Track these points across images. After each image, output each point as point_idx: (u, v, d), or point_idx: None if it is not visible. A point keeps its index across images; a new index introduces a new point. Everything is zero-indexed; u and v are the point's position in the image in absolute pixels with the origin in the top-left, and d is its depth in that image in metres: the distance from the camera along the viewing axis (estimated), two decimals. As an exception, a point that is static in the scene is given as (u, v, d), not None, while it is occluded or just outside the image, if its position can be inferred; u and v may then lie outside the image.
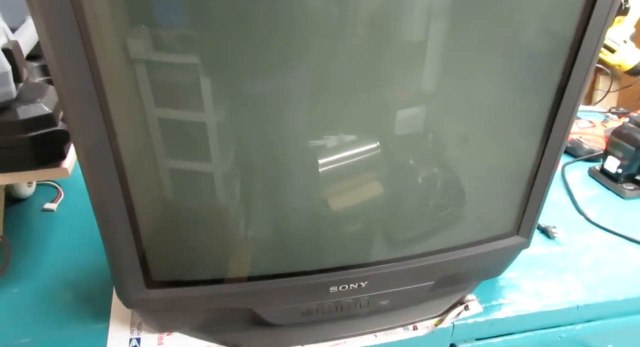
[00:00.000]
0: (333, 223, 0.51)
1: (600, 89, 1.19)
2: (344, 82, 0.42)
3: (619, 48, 1.03)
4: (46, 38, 0.33)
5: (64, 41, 0.33)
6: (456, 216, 0.55)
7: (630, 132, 0.76)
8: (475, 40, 0.43)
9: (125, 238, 0.44)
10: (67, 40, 0.33)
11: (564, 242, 0.69)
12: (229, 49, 0.38)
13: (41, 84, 0.54)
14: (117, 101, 0.37)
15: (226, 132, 0.42)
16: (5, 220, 0.67)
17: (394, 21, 0.40)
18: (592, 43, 0.44)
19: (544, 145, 0.50)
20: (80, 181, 0.40)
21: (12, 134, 0.48)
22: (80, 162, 0.40)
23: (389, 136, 0.46)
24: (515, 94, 0.48)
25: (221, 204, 0.47)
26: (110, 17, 0.35)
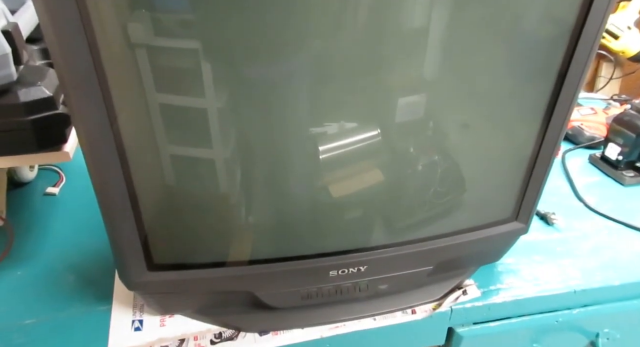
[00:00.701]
0: (333, 209, 0.51)
1: (603, 76, 1.19)
2: (346, 68, 0.42)
3: (622, 34, 1.02)
4: (46, 20, 0.33)
5: (64, 23, 0.33)
6: (456, 202, 0.55)
7: (631, 118, 0.76)
8: (476, 26, 0.43)
9: (127, 221, 0.44)
10: (67, 23, 0.33)
11: (563, 229, 0.70)
12: (230, 34, 0.38)
13: (41, 67, 0.54)
14: (118, 85, 0.37)
15: (227, 118, 0.42)
16: (8, 204, 0.68)
17: (395, 6, 0.40)
18: (594, 28, 0.43)
19: (543, 131, 0.50)
20: (82, 165, 0.40)
21: (13, 117, 0.48)
22: (81, 146, 0.40)
23: (390, 123, 0.46)
24: (516, 80, 0.48)
25: (222, 189, 0.47)
26: (111, 1, 0.34)
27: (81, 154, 0.40)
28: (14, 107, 0.47)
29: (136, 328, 0.53)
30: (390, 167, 0.50)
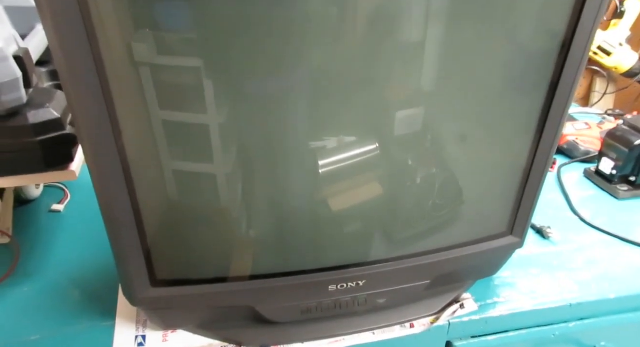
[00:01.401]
0: (333, 223, 0.52)
1: (597, 91, 1.21)
2: (344, 83, 0.44)
3: (615, 51, 1.05)
4: (56, 44, 0.35)
5: (73, 46, 0.35)
6: (453, 215, 0.56)
7: (623, 134, 0.78)
8: (471, 41, 0.44)
9: (131, 238, 0.45)
10: (75, 46, 0.35)
11: (559, 242, 0.71)
12: (231, 52, 0.39)
13: (50, 89, 0.56)
14: (124, 104, 0.39)
15: (228, 133, 0.43)
16: (14, 221, 0.69)
17: (391, 23, 0.41)
18: (583, 42, 0.45)
19: (537, 143, 0.51)
20: (86, 182, 0.42)
21: (23, 138, 0.50)
22: (88, 164, 0.41)
23: (389, 136, 0.47)
24: (510, 93, 0.49)
25: (223, 204, 0.48)
26: (117, 22, 0.36)
27: (86, 171, 0.42)
28: (23, 128, 0.49)
29: (139, 344, 0.53)
30: (389, 180, 0.51)
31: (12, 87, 0.46)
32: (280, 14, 0.38)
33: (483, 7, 0.43)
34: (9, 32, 0.48)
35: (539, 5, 0.44)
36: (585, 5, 0.43)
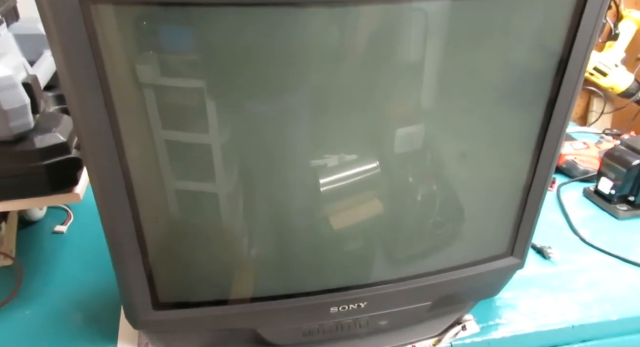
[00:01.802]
0: (334, 241, 0.52)
1: (595, 110, 1.22)
2: (344, 103, 0.44)
3: (610, 72, 1.06)
4: (64, 69, 0.36)
5: (80, 71, 0.36)
6: (453, 234, 0.56)
7: (621, 154, 0.78)
8: (468, 60, 0.45)
9: (133, 260, 0.46)
10: (82, 70, 0.36)
11: (559, 262, 0.71)
12: (233, 74, 0.40)
13: (56, 113, 0.57)
14: (128, 126, 0.40)
15: (230, 153, 0.44)
16: (17, 243, 0.70)
17: (390, 45, 0.42)
18: (578, 62, 0.46)
19: (535, 161, 0.52)
20: (90, 203, 0.42)
21: (29, 162, 0.51)
22: (92, 185, 0.42)
23: (389, 154, 0.48)
24: (508, 112, 0.50)
25: (225, 224, 0.48)
26: (122, 46, 0.37)
27: (89, 192, 0.42)
28: (30, 153, 0.50)
29: (140, 366, 0.53)
30: (390, 197, 0.51)
31: (20, 113, 0.48)
32: (282, 38, 0.39)
33: (480, 29, 0.44)
34: (19, 60, 0.49)
35: (535, 27, 0.46)
36: (579, 27, 0.44)
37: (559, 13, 0.44)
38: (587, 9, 0.43)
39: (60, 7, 0.33)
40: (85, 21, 0.34)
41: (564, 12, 0.44)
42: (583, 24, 0.44)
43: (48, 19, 0.34)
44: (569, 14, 0.44)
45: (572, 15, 0.44)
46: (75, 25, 0.34)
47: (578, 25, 0.44)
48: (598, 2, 0.43)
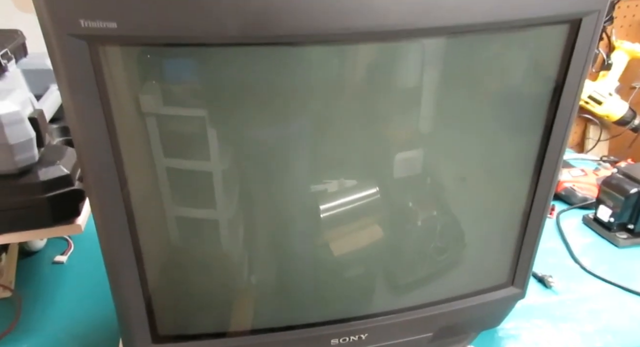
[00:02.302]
0: (335, 270, 0.52)
1: (591, 137, 1.24)
2: (344, 131, 0.45)
3: (605, 100, 1.08)
4: (69, 102, 0.37)
5: (85, 103, 0.37)
6: (453, 261, 0.56)
7: (619, 182, 0.79)
8: (466, 92, 0.47)
9: (133, 292, 0.46)
10: (87, 103, 0.37)
11: (561, 291, 0.70)
12: (235, 103, 0.41)
13: (60, 146, 0.58)
14: (130, 154, 0.40)
15: (231, 179, 0.44)
16: (17, 273, 0.69)
17: (388, 78, 0.43)
18: (573, 90, 0.47)
19: (534, 187, 0.52)
20: (91, 233, 0.43)
21: (32, 195, 0.51)
22: (94, 214, 0.42)
23: (389, 179, 0.48)
24: (506, 138, 0.51)
25: (225, 255, 0.49)
26: (126, 78, 0.38)
27: (90, 223, 0.43)
28: (33, 186, 0.51)
29: (138, 401, 0.52)
30: (390, 223, 0.52)
31: (26, 147, 0.49)
32: (282, 73, 0.41)
33: (476, 62, 0.45)
34: (26, 95, 0.50)
35: (530, 59, 0.47)
36: (572, 58, 0.45)
37: (552, 46, 0.46)
38: (579, 41, 0.45)
39: (70, 50, 0.34)
40: (93, 60, 0.36)
41: (557, 45, 0.46)
42: (575, 55, 0.45)
43: (57, 59, 0.35)
44: (562, 46, 0.46)
45: (564, 47, 0.46)
46: (82, 65, 0.35)
47: (570, 56, 0.46)
48: (589, 35, 0.45)
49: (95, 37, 0.34)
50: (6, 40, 0.58)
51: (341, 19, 0.37)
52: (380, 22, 0.38)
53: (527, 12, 0.41)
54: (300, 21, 0.36)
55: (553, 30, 0.45)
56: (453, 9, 0.39)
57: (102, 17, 0.33)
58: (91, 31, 0.33)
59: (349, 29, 0.37)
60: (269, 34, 0.36)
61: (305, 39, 0.38)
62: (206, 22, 0.35)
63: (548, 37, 0.46)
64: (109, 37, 0.34)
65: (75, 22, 0.33)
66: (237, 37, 0.36)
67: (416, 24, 0.39)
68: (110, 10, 0.33)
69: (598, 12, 0.43)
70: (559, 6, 0.41)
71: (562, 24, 0.44)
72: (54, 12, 0.33)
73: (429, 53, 0.44)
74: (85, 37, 0.34)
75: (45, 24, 0.33)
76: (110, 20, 0.33)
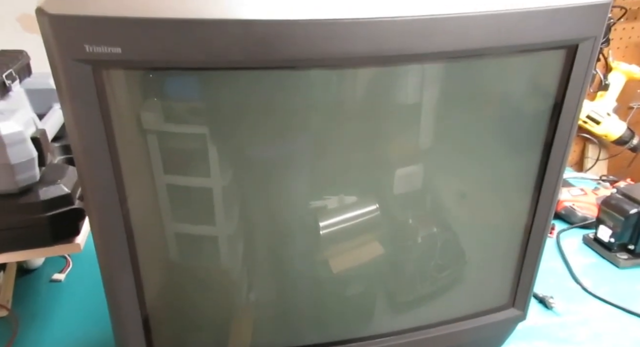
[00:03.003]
0: (335, 289, 0.52)
1: (590, 156, 1.24)
2: (344, 150, 0.46)
3: (603, 120, 1.09)
4: (72, 121, 0.37)
5: (88, 126, 0.37)
6: (454, 281, 0.56)
7: (618, 202, 0.79)
8: (466, 113, 0.47)
9: (131, 313, 0.45)
10: (89, 122, 0.37)
11: (562, 313, 0.70)
12: (236, 120, 0.42)
13: (62, 164, 0.58)
14: (131, 171, 0.41)
15: (231, 196, 0.44)
16: (14, 291, 0.69)
17: (389, 96, 0.44)
18: (571, 110, 0.48)
19: (535, 205, 0.52)
20: (89, 251, 0.42)
21: (33, 214, 0.51)
22: (93, 233, 0.42)
23: (389, 197, 0.49)
24: (506, 156, 0.51)
25: (224, 273, 0.48)
26: (128, 95, 0.39)
27: (89, 239, 0.42)
28: (34, 205, 0.51)
29: None
30: (390, 239, 0.51)
31: (27, 166, 0.49)
32: (283, 95, 0.41)
33: (476, 85, 0.46)
34: (29, 115, 0.51)
35: (529, 80, 0.48)
36: (570, 79, 0.46)
37: (550, 69, 0.46)
38: (576, 66, 0.45)
39: (74, 74, 0.35)
40: (96, 83, 0.36)
41: (555, 68, 0.46)
42: (573, 78, 0.46)
43: (61, 82, 0.36)
44: (560, 70, 0.46)
45: (562, 71, 0.46)
46: (86, 87, 0.36)
47: (568, 79, 0.46)
48: (586, 59, 0.45)
49: (100, 62, 0.34)
50: (11, 60, 0.59)
51: (341, 44, 0.37)
52: (379, 47, 0.38)
53: (525, 38, 0.42)
54: (301, 46, 0.37)
55: (551, 55, 0.45)
56: (452, 35, 0.39)
57: (107, 42, 0.33)
58: (96, 56, 0.34)
59: (348, 54, 0.38)
60: (271, 59, 0.37)
61: (306, 63, 0.39)
62: (210, 47, 0.35)
63: (546, 62, 0.46)
64: (114, 62, 0.35)
65: (80, 47, 0.33)
66: (240, 62, 0.37)
67: (416, 49, 0.39)
68: (115, 35, 0.34)
69: (594, 38, 0.44)
70: (555, 33, 0.42)
71: (560, 49, 0.45)
72: (61, 37, 0.33)
73: (429, 76, 0.44)
74: (90, 62, 0.34)
75: (51, 49, 0.34)
76: (115, 46, 0.34)
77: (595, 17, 0.42)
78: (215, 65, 0.37)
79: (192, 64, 0.37)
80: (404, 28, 0.38)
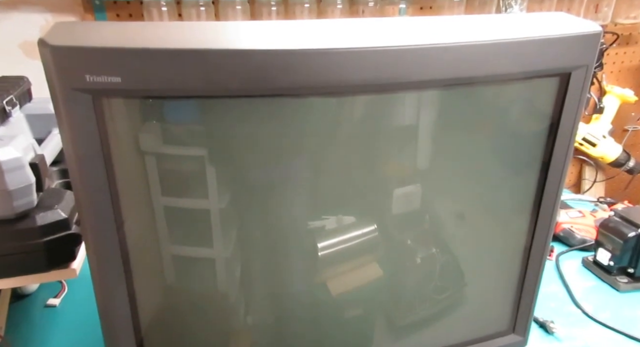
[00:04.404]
0: (333, 311, 0.51)
1: (587, 178, 1.25)
2: (343, 173, 0.46)
3: (599, 142, 1.10)
4: (70, 146, 0.38)
5: (87, 153, 0.38)
6: (453, 304, 0.55)
7: (616, 225, 0.79)
8: (464, 131, 0.48)
9: (126, 340, 0.45)
10: (89, 152, 0.38)
11: (563, 338, 0.69)
12: (234, 143, 0.42)
13: (59, 189, 0.58)
14: (128, 194, 0.41)
15: (229, 218, 0.45)
16: (8, 317, 0.68)
17: (386, 122, 0.45)
18: (567, 132, 0.48)
19: (533, 228, 0.53)
20: (85, 275, 0.42)
21: (29, 240, 0.51)
22: (88, 256, 0.42)
23: (387, 218, 0.49)
24: (504, 179, 0.52)
25: (221, 295, 0.48)
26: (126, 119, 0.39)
27: (85, 264, 0.42)
28: (30, 230, 0.51)
29: None
30: (389, 261, 0.51)
31: (25, 192, 0.49)
32: (282, 117, 0.42)
33: (473, 111, 0.47)
34: (28, 141, 0.51)
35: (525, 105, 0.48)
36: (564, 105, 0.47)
37: (545, 95, 0.47)
38: (569, 92, 0.46)
39: (74, 103, 0.35)
40: (96, 111, 0.37)
41: (550, 95, 0.47)
42: (567, 103, 0.47)
43: (61, 110, 0.36)
44: (554, 96, 0.47)
45: (556, 96, 0.47)
46: (85, 116, 0.36)
47: (563, 104, 0.47)
48: (579, 86, 0.46)
49: (100, 91, 0.35)
50: (12, 86, 0.59)
51: (337, 73, 0.38)
52: (375, 76, 0.39)
53: (519, 67, 0.42)
54: (298, 75, 0.37)
55: (545, 83, 0.46)
56: (447, 64, 0.40)
57: (107, 72, 0.34)
58: (96, 86, 0.34)
59: (345, 82, 0.39)
60: (268, 87, 0.38)
61: (302, 91, 0.40)
62: (208, 76, 0.36)
63: (541, 88, 0.47)
64: (113, 91, 0.35)
65: (81, 77, 0.34)
66: (237, 90, 0.37)
67: (412, 77, 0.40)
68: (115, 66, 0.34)
69: (586, 67, 0.44)
70: (549, 61, 0.43)
71: (553, 77, 0.45)
72: (62, 68, 0.34)
73: (426, 102, 0.45)
74: (90, 91, 0.35)
75: (52, 79, 0.35)
76: (115, 76, 0.34)
77: (586, 46, 0.43)
78: (213, 94, 0.38)
79: (190, 92, 0.37)
80: (400, 57, 0.39)
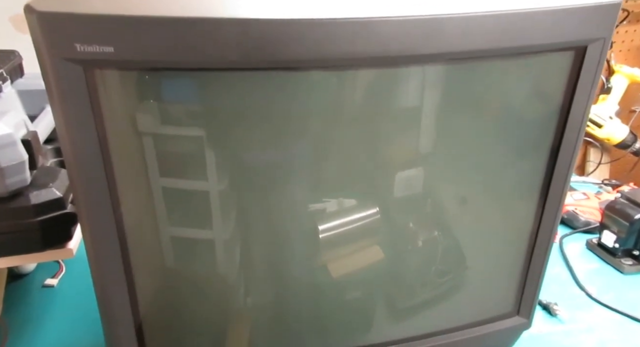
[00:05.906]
0: (334, 294, 0.51)
1: (592, 160, 1.23)
2: (345, 152, 0.45)
3: (605, 123, 1.08)
4: (61, 123, 0.36)
5: (79, 128, 0.36)
6: (455, 286, 0.54)
7: (622, 207, 0.78)
8: (469, 108, 0.46)
9: (124, 320, 0.44)
10: (81, 128, 0.36)
11: (567, 320, 0.69)
12: (233, 123, 0.41)
13: (54, 167, 0.57)
14: (124, 174, 0.40)
15: (228, 199, 0.43)
16: (6, 297, 0.67)
17: (391, 98, 0.43)
18: (579, 113, 0.46)
19: (540, 212, 0.51)
20: (83, 255, 0.41)
21: (23, 219, 0.50)
22: (84, 236, 0.41)
23: (389, 199, 0.48)
24: (512, 161, 0.50)
25: (220, 278, 0.47)
26: (122, 96, 0.37)
27: (82, 243, 0.41)
28: (24, 209, 0.49)
29: None
30: (390, 243, 0.51)
31: (17, 169, 0.47)
32: (283, 97, 0.40)
33: (482, 87, 0.45)
34: (20, 117, 0.49)
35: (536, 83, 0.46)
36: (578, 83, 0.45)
37: (558, 72, 0.45)
38: (584, 68, 0.44)
39: (64, 74, 0.33)
40: (88, 84, 0.35)
41: (563, 71, 0.45)
42: (581, 81, 0.45)
43: (50, 82, 0.34)
44: (568, 72, 0.45)
45: (570, 73, 0.45)
46: (77, 88, 0.35)
47: (576, 82, 0.45)
48: (594, 61, 0.44)
49: (92, 62, 0.33)
50: (2, 61, 0.57)
51: (341, 45, 0.36)
52: (381, 48, 0.37)
53: (532, 39, 0.40)
54: (301, 47, 0.35)
55: (559, 57, 0.44)
56: (456, 36, 0.38)
57: (99, 41, 0.32)
58: (87, 56, 0.32)
59: (349, 55, 0.37)
60: (269, 59, 0.36)
61: (305, 64, 0.38)
62: (206, 47, 0.34)
63: (554, 64, 0.45)
64: (106, 62, 0.33)
65: (71, 46, 0.32)
66: (237, 62, 0.35)
67: (419, 50, 0.38)
68: (108, 34, 0.32)
69: (603, 40, 0.42)
70: (564, 34, 0.41)
71: (568, 50, 0.43)
72: (50, 35, 0.32)
73: (432, 78, 0.43)
74: (81, 62, 0.33)
75: (39, 48, 0.33)
76: (107, 45, 0.32)
77: (605, 17, 0.41)
78: (211, 66, 0.36)
79: (187, 64, 0.35)
80: (406, 28, 0.37)
